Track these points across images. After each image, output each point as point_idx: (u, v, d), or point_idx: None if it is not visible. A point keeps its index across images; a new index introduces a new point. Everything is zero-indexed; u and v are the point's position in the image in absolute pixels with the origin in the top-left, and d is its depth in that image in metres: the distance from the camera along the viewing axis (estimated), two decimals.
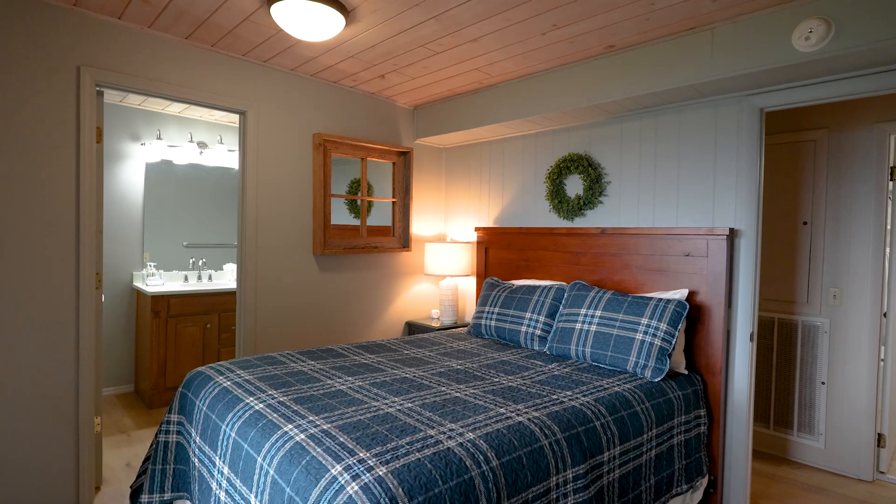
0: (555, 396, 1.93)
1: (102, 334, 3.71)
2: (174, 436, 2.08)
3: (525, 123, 3.25)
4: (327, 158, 3.36)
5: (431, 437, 1.48)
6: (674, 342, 2.34)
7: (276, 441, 1.48)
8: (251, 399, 1.78)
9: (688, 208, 2.69)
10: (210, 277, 4.47)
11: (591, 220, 3.14)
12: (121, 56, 2.52)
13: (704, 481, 2.36)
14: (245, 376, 2.04)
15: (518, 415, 1.70)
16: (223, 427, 1.72)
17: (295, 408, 1.68)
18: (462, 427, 1.57)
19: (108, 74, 2.48)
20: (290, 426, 1.54)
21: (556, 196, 3.27)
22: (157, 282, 4.13)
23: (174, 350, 3.81)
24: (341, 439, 1.44)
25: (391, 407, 1.73)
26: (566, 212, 3.23)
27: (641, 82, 2.55)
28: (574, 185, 3.24)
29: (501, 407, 1.77)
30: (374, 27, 2.44)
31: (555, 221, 3.35)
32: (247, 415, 1.68)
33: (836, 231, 3.02)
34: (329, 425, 1.53)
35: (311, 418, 1.59)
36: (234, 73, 2.92)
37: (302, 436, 1.47)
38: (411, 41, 2.60)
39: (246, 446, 1.56)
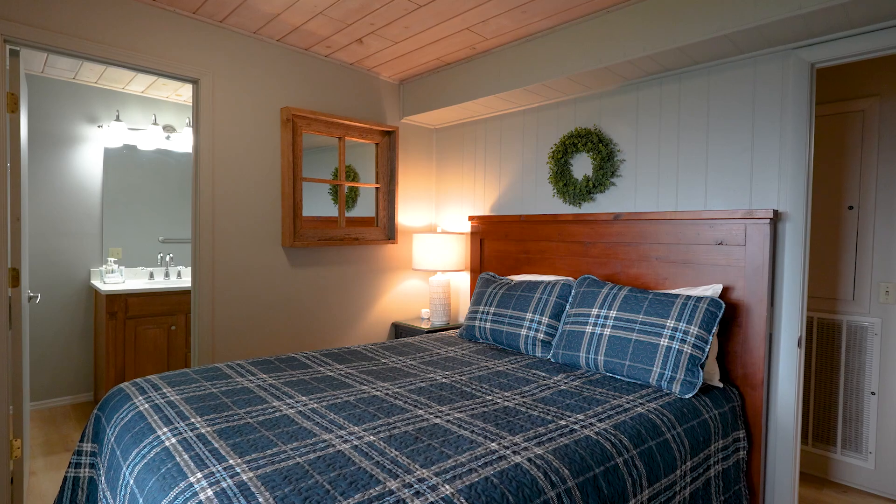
0: (563, 422, 1.51)
1: (23, 339, 3.24)
2: (86, 470, 1.66)
3: (525, 95, 2.81)
4: (297, 137, 2.93)
5: (391, 493, 1.05)
6: (707, 349, 1.91)
7: (176, 499, 1.06)
8: (165, 430, 1.36)
9: (719, 188, 2.26)
10: (179, 274, 4.05)
11: (602, 204, 2.71)
12: (41, 8, 2.09)
13: None
14: (171, 396, 1.61)
15: (515, 452, 1.28)
16: (124, 469, 1.30)
17: (215, 445, 1.26)
18: (436, 474, 1.14)
19: (24, 29, 2.05)
20: (199, 475, 1.12)
21: (561, 178, 2.84)
22: (118, 279, 3.71)
23: (133, 355, 3.39)
24: (260, 500, 1.01)
25: (346, 441, 1.30)
26: (573, 196, 2.80)
27: (665, 36, 2.11)
28: (582, 165, 2.80)
29: (493, 440, 1.35)
30: None
31: (559, 207, 2.92)
32: (152, 453, 1.26)
33: (889, 217, 2.58)
34: (251, 474, 1.11)
35: (230, 462, 1.17)
36: (184, 35, 2.49)
37: (209, 492, 1.05)
38: None
39: (141, 502, 1.14)
